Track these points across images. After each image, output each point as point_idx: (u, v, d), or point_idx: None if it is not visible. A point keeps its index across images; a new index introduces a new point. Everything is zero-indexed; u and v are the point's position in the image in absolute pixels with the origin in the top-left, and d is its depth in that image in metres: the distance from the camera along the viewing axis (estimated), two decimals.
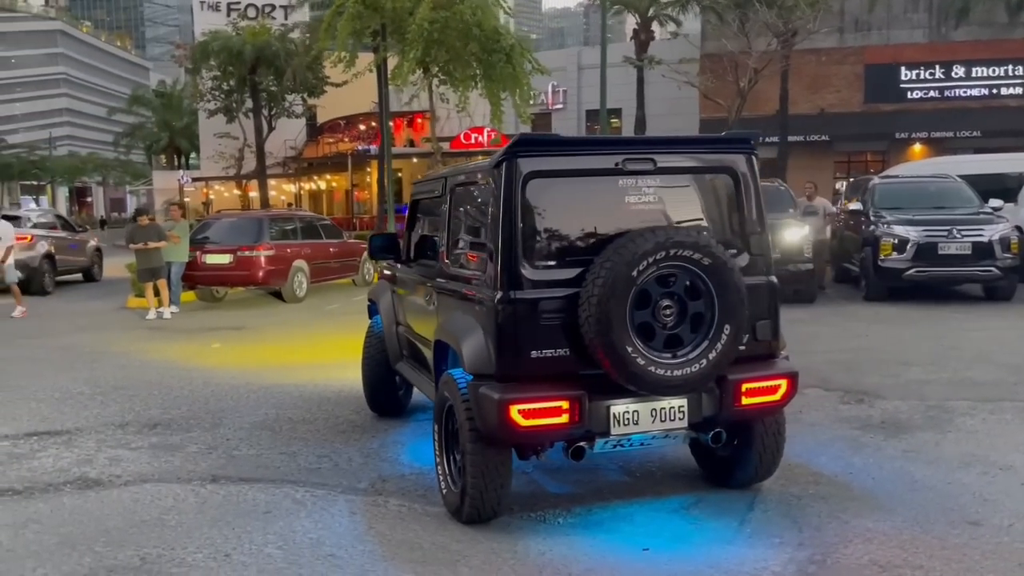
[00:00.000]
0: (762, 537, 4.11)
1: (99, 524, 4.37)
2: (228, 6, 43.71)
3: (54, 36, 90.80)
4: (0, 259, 12.79)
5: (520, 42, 18.03)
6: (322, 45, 18.89)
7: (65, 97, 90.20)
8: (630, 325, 3.89)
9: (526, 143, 4.14)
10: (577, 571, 3.76)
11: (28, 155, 69.08)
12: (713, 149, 4.49)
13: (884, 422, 6.09)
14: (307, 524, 4.33)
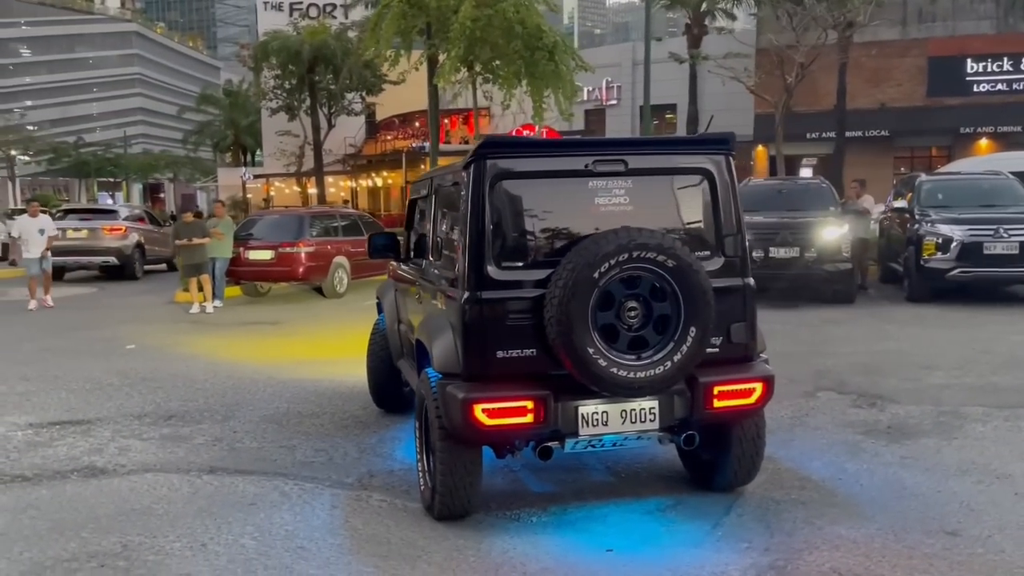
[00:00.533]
0: (731, 541, 4.08)
1: (92, 511, 4.57)
2: (291, 6, 44.59)
3: (130, 38, 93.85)
4: (44, 249, 13.47)
5: (563, 39, 17.97)
6: (367, 44, 19.14)
7: (139, 97, 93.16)
8: (592, 326, 3.90)
9: (493, 145, 4.18)
10: (533, 570, 3.79)
11: (104, 153, 71.68)
12: (688, 150, 4.47)
13: (891, 427, 5.96)
14: (287, 516, 4.46)
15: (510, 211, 4.14)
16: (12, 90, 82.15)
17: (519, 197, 4.16)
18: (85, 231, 18.26)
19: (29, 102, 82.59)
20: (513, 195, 4.15)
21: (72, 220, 18.65)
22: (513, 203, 4.15)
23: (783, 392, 6.81)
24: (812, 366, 7.98)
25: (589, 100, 36.53)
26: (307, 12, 43.20)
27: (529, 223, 4.18)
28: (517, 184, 4.15)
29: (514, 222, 4.15)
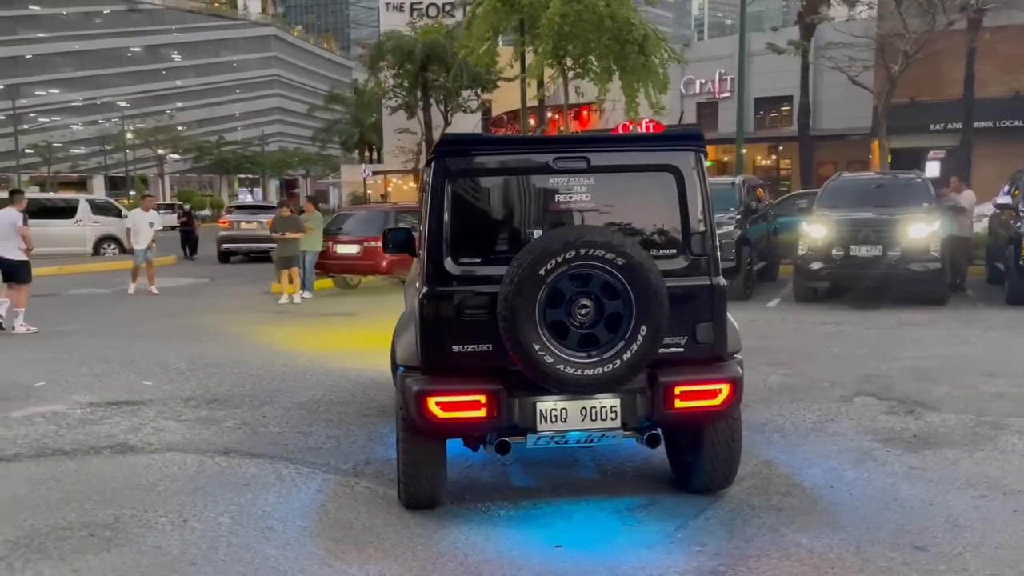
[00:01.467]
0: (685, 544, 4.02)
1: (103, 485, 4.95)
2: (411, 6, 45.82)
3: (269, 41, 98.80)
4: (150, 241, 14.64)
5: (655, 31, 17.71)
6: (462, 42, 19.47)
7: (277, 97, 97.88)
8: (540, 323, 3.93)
9: (453, 142, 4.26)
10: (474, 560, 3.87)
11: (243, 151, 75.85)
12: (654, 147, 4.41)
13: (916, 436, 5.67)
14: (271, 498, 4.70)
15: (469, 208, 4.22)
16: (164, 93, 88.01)
17: (479, 194, 4.24)
18: (254, 224, 22.06)
19: (179, 104, 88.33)
20: (472, 192, 4.22)
21: (242, 215, 23.38)
22: (472, 200, 4.22)
23: (818, 396, 6.66)
24: (863, 370, 7.64)
25: (702, 93, 35.81)
26: (426, 11, 44.30)
27: (488, 220, 4.25)
28: (477, 181, 4.23)
29: (473, 218, 4.22)
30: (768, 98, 34.69)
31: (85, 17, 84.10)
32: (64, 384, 7.74)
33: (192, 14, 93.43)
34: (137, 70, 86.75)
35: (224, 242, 22.59)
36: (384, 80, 38.84)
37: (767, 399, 6.72)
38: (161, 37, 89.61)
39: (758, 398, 6.73)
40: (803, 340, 9.38)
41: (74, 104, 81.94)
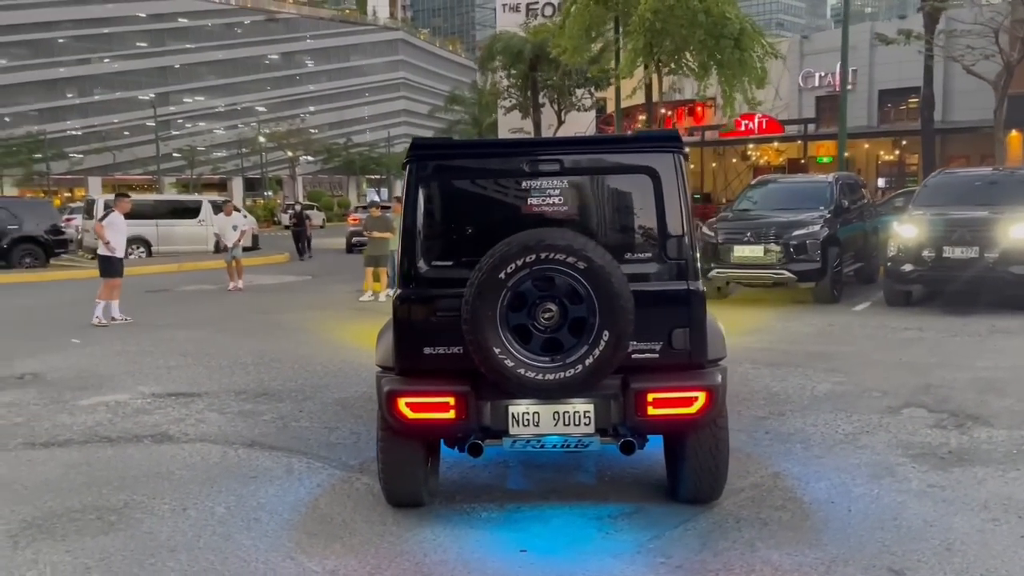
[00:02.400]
0: (653, 555, 3.93)
1: (126, 472, 5.28)
2: (527, 6, 46.04)
3: (396, 45, 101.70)
4: (235, 240, 15.60)
5: (751, 25, 17.16)
6: (556, 42, 19.46)
7: (403, 99, 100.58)
8: (501, 326, 3.92)
9: (425, 146, 4.31)
10: (430, 561, 3.92)
11: (369, 152, 78.45)
12: (631, 149, 4.31)
13: (952, 452, 5.31)
14: (271, 491, 4.89)
15: (442, 211, 4.26)
16: (298, 98, 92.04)
17: (451, 198, 4.27)
18: None
19: (312, 108, 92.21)
20: (446, 195, 4.26)
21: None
22: (445, 203, 4.26)
23: (863, 406, 6.34)
24: (926, 379, 7.20)
25: (821, 86, 34.38)
26: (542, 11, 44.41)
27: (461, 223, 4.27)
28: (449, 185, 4.26)
29: (445, 222, 4.26)
30: (894, 90, 32.96)
31: (227, 28, 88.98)
32: (137, 375, 8.27)
33: (324, 21, 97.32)
34: (273, 76, 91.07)
35: (353, 236, 25.74)
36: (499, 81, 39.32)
37: (806, 408, 6.44)
38: (296, 44, 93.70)
39: (798, 407, 6.47)
40: (874, 346, 8.90)
41: (216, 110, 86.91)
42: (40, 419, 6.62)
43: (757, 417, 6.22)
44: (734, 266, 12.32)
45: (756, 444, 5.58)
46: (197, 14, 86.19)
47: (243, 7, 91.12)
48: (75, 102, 79.85)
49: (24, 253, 20.61)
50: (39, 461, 5.55)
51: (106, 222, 11.87)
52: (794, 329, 10.19)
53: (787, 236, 11.98)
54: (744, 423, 6.06)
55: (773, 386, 7.18)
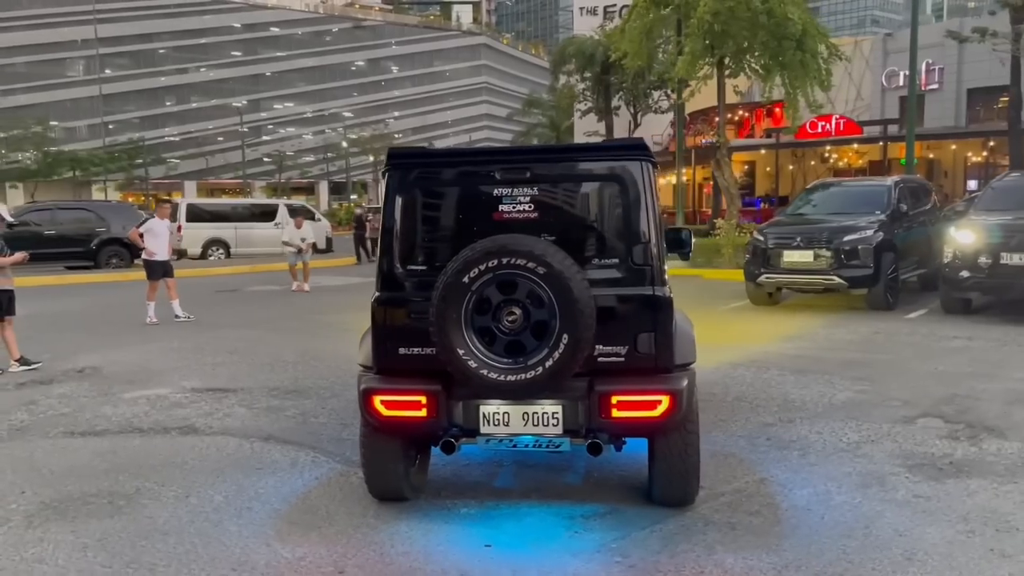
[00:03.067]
0: (612, 555, 4.01)
1: (145, 461, 5.63)
2: (604, 9, 46.02)
3: (479, 50, 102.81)
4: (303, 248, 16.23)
5: (814, 26, 16.78)
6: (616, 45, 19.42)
7: (485, 104, 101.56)
8: (466, 329, 4.07)
9: (401, 155, 4.48)
10: (394, 552, 4.09)
11: None
12: (598, 157, 4.39)
13: (953, 463, 5.20)
14: (270, 482, 5.16)
15: (416, 217, 4.43)
16: (383, 103, 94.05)
17: (426, 204, 4.45)
18: None
19: (396, 113, 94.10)
20: (420, 203, 4.43)
21: None
22: (419, 210, 4.43)
23: (878, 415, 6.27)
24: (954, 389, 7.02)
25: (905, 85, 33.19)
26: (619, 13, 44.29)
27: (434, 229, 4.45)
28: (424, 192, 4.44)
29: (420, 228, 4.43)
30: (983, 88, 31.71)
31: (316, 36, 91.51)
32: (184, 371, 8.73)
33: (409, 27, 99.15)
34: (359, 82, 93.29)
35: None
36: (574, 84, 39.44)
37: (818, 415, 6.37)
38: (382, 51, 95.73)
39: (809, 414, 6.41)
40: (914, 355, 8.67)
41: (305, 116, 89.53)
42: (84, 410, 7.09)
43: (763, 423, 6.20)
44: (784, 271, 12.12)
45: (753, 450, 5.57)
46: (288, 23, 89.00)
47: (331, 15, 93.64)
48: (173, 109, 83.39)
49: (111, 255, 21.75)
50: (72, 449, 5.96)
51: (144, 228, 12.66)
52: (837, 336, 10.00)
53: (838, 241, 11.73)
54: (748, 428, 6.05)
55: (792, 393, 7.11)
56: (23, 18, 75.38)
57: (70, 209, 22.89)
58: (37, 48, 75.67)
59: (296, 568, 3.91)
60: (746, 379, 7.70)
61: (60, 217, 21.78)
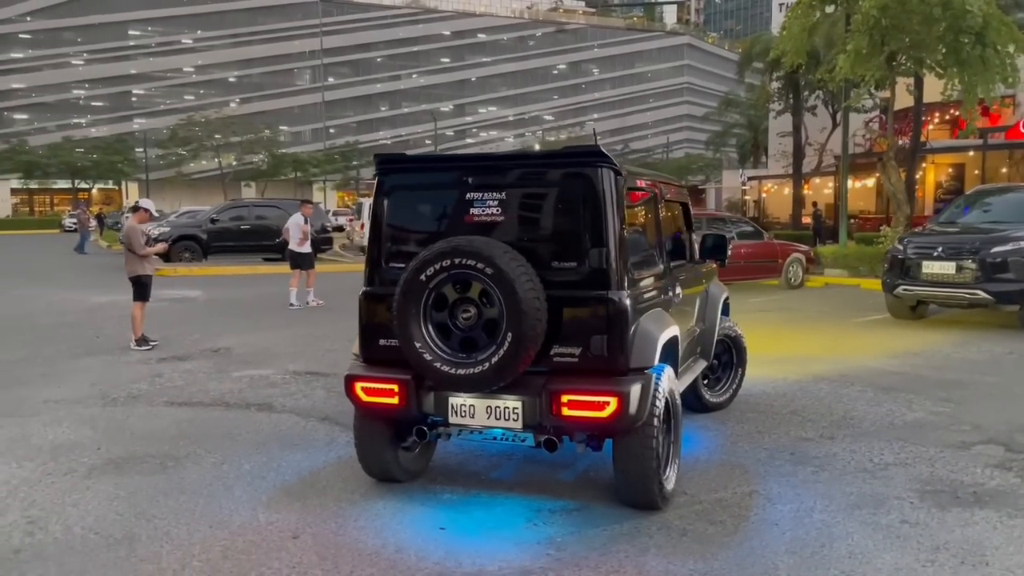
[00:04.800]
0: (548, 547, 4.13)
1: (212, 430, 6.32)
2: None
3: (682, 49, 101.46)
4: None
5: (998, 17, 15.27)
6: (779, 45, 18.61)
7: (686, 104, 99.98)
8: (424, 324, 4.36)
9: (387, 161, 4.81)
10: (354, 526, 4.43)
11: (646, 158, 79.12)
12: (559, 164, 4.50)
13: (975, 493, 4.85)
14: (297, 456, 5.67)
15: (399, 219, 4.76)
16: (582, 106, 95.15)
17: (407, 207, 4.77)
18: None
19: (596, 115, 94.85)
20: (402, 205, 4.76)
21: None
22: (402, 212, 4.76)
23: (935, 438, 6.03)
24: None
25: None
26: None
27: (413, 230, 4.74)
28: (406, 195, 4.76)
29: (402, 229, 4.76)
30: None
31: (520, 41, 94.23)
32: (296, 355, 9.57)
33: (612, 30, 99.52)
34: (560, 86, 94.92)
35: None
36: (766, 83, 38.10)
37: (865, 434, 6.06)
38: (583, 54, 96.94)
39: (857, 432, 6.12)
40: None
41: (507, 119, 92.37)
42: (194, 384, 8.02)
43: (800, 438, 5.98)
44: (924, 283, 11.30)
45: (766, 463, 5.43)
46: (494, 29, 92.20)
47: (536, 20, 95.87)
48: (386, 114, 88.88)
49: None
50: (161, 416, 6.81)
51: (290, 224, 14.16)
52: (961, 355, 9.25)
53: (985, 252, 10.78)
54: (779, 442, 5.88)
55: (856, 410, 6.77)
56: (260, 33, 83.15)
57: (263, 207, 25.18)
58: (270, 60, 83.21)
59: (260, 530, 4.37)
60: (818, 393, 7.39)
61: (254, 214, 24.08)
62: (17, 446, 5.92)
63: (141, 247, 9.98)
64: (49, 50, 77.83)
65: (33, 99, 78.00)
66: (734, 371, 6.93)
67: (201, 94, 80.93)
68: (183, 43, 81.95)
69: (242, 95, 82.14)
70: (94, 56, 78.98)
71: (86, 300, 15.02)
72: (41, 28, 78.16)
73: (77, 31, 78.79)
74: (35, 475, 5.29)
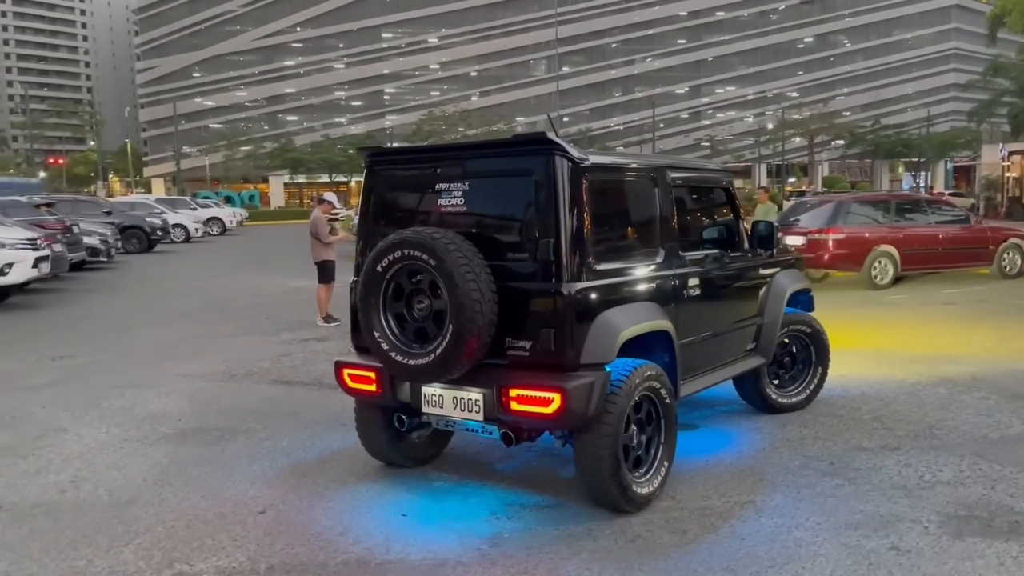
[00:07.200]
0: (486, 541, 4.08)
1: (284, 408, 6.75)
2: None
3: (949, 12, 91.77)
4: None
5: None
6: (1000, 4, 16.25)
7: (952, 72, 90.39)
8: (383, 313, 4.41)
9: (374, 154, 4.88)
10: (323, 504, 4.60)
11: (899, 134, 72.62)
12: (510, 153, 4.34)
13: (1018, 521, 4.14)
14: (333, 437, 5.89)
15: (381, 210, 4.83)
16: (829, 80, 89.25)
17: (390, 199, 4.83)
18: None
19: (845, 89, 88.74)
20: (385, 196, 4.83)
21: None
22: (384, 203, 4.83)
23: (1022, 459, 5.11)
24: None
25: None
26: None
27: (393, 220, 4.78)
28: (389, 187, 4.83)
29: (383, 219, 4.82)
30: None
31: (761, 16, 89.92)
32: None
33: None
34: (804, 60, 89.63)
35: None
36: None
37: (939, 448, 5.34)
38: (832, 24, 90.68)
39: (930, 445, 5.42)
40: None
41: (746, 98, 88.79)
42: (308, 364, 8.57)
43: (856, 447, 5.37)
44: None
45: (794, 472, 4.94)
46: (733, 6, 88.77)
47: None
48: (619, 100, 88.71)
49: None
50: (254, 392, 7.36)
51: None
52: None
53: None
54: (827, 450, 5.34)
55: (953, 418, 5.95)
56: (499, 27, 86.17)
57: None
58: (508, 53, 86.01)
59: (238, 503, 4.66)
60: (924, 397, 6.56)
61: None
62: (120, 414, 6.71)
63: (326, 235, 10.90)
64: (315, 56, 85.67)
65: (302, 102, 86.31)
66: (812, 370, 6.32)
67: (445, 89, 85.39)
68: (429, 42, 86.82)
69: (482, 88, 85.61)
70: (352, 59, 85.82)
71: (285, 284, 16.52)
72: (309, 37, 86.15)
73: (338, 37, 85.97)
74: (114, 440, 5.99)
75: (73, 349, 9.60)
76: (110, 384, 7.75)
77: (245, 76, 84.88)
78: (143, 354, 9.30)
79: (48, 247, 14.15)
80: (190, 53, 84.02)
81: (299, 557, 3.94)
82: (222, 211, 40.81)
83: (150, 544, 4.09)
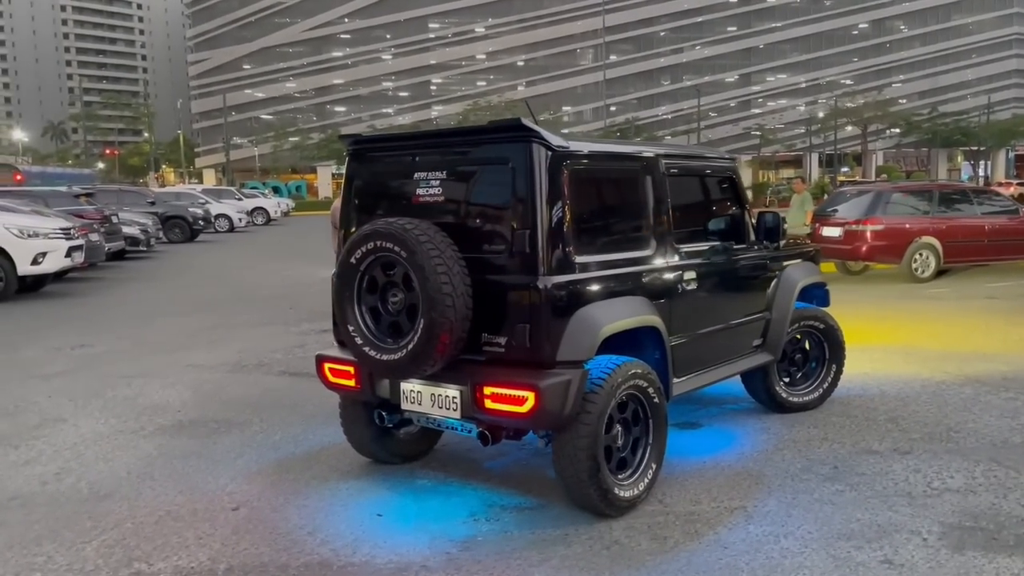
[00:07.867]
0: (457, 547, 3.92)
1: (285, 400, 6.67)
2: None
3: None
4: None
5: None
6: None
7: (1015, 58, 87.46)
8: (358, 307, 4.26)
9: (356, 141, 4.72)
10: (297, 502, 4.48)
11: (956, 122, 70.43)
12: (486, 140, 4.14)
13: (1017, 535, 3.82)
14: (326, 432, 5.79)
15: (363, 199, 4.69)
16: (885, 67, 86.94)
17: (372, 188, 4.67)
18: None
19: (901, 76, 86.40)
20: (366, 185, 4.68)
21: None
22: (366, 192, 4.68)
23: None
24: None
25: None
26: None
27: (376, 209, 4.62)
28: (369, 175, 4.67)
29: (365, 209, 4.67)
30: None
31: (814, 2, 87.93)
32: None
33: None
34: (859, 47, 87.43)
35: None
36: None
37: (954, 452, 5.05)
38: (888, 10, 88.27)
39: (946, 449, 5.14)
40: None
41: (798, 86, 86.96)
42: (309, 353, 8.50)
43: (863, 450, 5.09)
44: None
45: (793, 476, 4.69)
46: None
47: None
48: (667, 88, 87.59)
49: None
50: (259, 384, 7.30)
51: None
52: None
53: None
54: (832, 453, 5.07)
55: (975, 420, 5.62)
56: (545, 16, 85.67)
57: None
58: (554, 42, 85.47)
59: (213, 499, 4.56)
60: (948, 397, 6.23)
61: None
62: (121, 404, 6.69)
63: None
64: (363, 47, 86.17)
65: (350, 92, 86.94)
66: (825, 368, 6.02)
67: (491, 79, 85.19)
68: (476, 32, 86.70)
69: (528, 78, 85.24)
70: (400, 50, 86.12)
71: (314, 274, 16.51)
72: (356, 28, 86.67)
73: (386, 28, 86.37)
74: (110, 431, 5.95)
75: (94, 338, 9.68)
76: (120, 373, 7.76)
77: (294, 67, 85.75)
78: (160, 343, 9.33)
79: (83, 236, 14.35)
80: (241, 45, 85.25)
81: (261, 557, 3.82)
82: (267, 201, 41.26)
83: (114, 541, 4.01)
